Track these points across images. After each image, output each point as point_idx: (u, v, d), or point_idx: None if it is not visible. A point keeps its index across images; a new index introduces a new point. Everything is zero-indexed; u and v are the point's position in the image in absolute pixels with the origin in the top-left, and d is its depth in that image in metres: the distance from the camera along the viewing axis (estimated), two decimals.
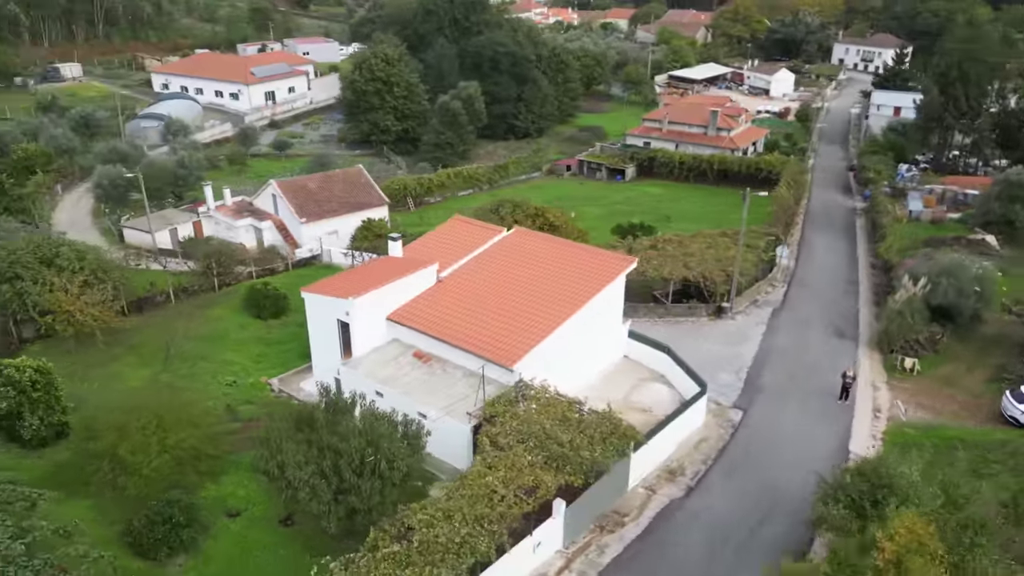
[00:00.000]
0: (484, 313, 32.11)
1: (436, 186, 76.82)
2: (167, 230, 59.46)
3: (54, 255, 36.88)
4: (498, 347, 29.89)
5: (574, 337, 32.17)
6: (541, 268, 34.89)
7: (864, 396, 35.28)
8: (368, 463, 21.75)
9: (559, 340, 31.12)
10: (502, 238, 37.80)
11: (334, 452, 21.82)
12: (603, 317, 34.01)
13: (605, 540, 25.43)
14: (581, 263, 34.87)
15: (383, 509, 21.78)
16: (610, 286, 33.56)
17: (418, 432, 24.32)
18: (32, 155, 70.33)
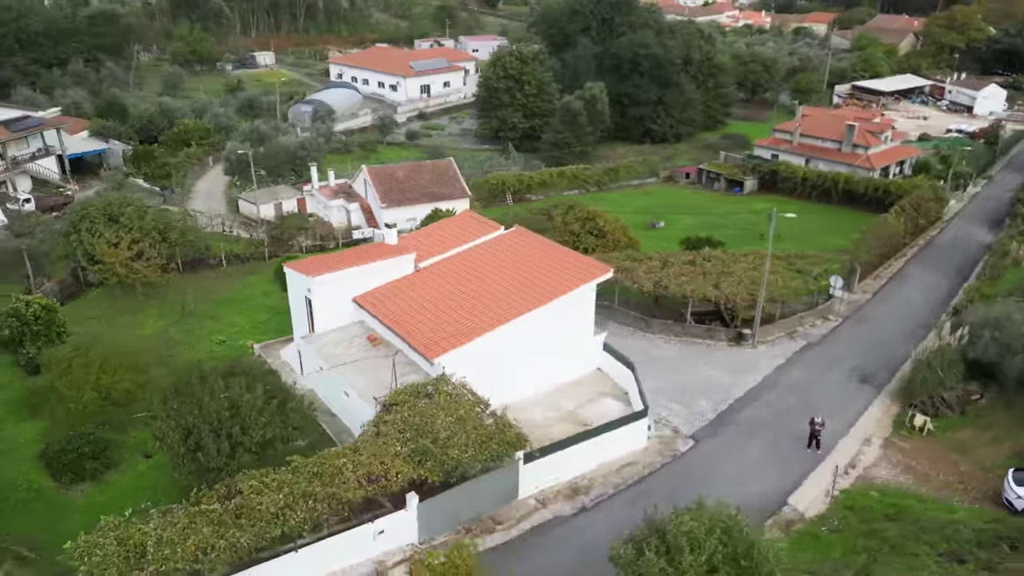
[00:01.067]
0: (439, 305, 32.82)
1: (537, 184, 77.57)
2: (272, 204, 65.52)
3: (120, 213, 42.63)
4: (429, 339, 30.52)
5: (524, 341, 31.86)
6: (517, 268, 34.87)
7: (847, 449, 31.63)
8: (224, 426, 23.55)
9: (501, 341, 31.04)
10: (497, 235, 38.11)
11: (200, 411, 23.86)
12: (565, 325, 33.27)
13: (464, 543, 25.33)
14: (557, 268, 34.40)
15: (230, 470, 23.50)
16: (571, 294, 32.80)
17: (299, 407, 25.74)
18: (190, 130, 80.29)
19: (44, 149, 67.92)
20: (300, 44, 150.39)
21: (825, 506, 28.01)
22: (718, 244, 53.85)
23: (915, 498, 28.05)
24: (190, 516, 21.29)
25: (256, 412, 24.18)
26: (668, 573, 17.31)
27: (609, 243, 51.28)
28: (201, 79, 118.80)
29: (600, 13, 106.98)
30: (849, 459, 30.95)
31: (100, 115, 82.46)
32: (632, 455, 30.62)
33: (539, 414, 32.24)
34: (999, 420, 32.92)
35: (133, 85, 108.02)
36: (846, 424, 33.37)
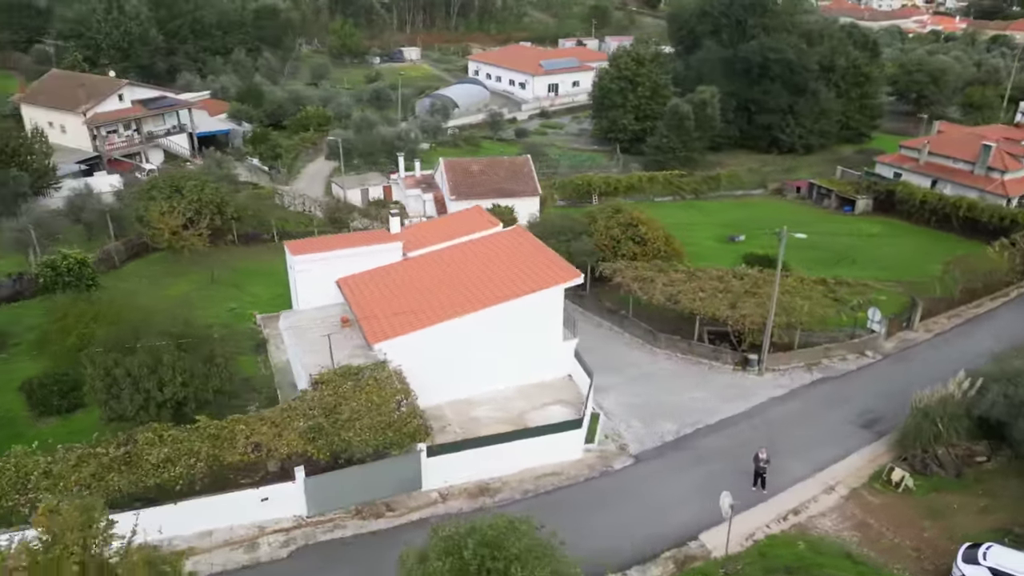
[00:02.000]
0: (408, 293, 33.70)
1: (625, 187, 76.05)
2: (359, 189, 69.38)
3: (182, 186, 47.31)
4: (379, 325, 31.51)
5: (480, 338, 32.02)
6: (493, 266, 35.08)
7: (800, 493, 29.00)
8: (142, 381, 25.98)
9: (453, 335, 31.40)
10: (493, 232, 38.39)
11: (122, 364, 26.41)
12: (527, 326, 32.97)
13: (351, 523, 26.19)
14: (530, 269, 34.23)
15: (141, 420, 25.90)
16: (533, 296, 32.48)
17: (220, 373, 27.77)
18: (311, 116, 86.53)
19: (178, 126, 76.27)
20: (448, 41, 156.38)
21: (741, 548, 25.89)
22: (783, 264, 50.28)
23: (848, 557, 25.20)
24: (82, 456, 23.78)
25: (172, 371, 26.41)
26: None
27: (649, 251, 49.54)
28: (348, 71, 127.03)
29: (734, 14, 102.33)
30: (796, 504, 28.30)
31: (240, 99, 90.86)
32: (560, 465, 29.89)
33: (485, 412, 32.31)
34: (999, 488, 28.63)
35: (287, 74, 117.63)
36: (814, 468, 30.45)
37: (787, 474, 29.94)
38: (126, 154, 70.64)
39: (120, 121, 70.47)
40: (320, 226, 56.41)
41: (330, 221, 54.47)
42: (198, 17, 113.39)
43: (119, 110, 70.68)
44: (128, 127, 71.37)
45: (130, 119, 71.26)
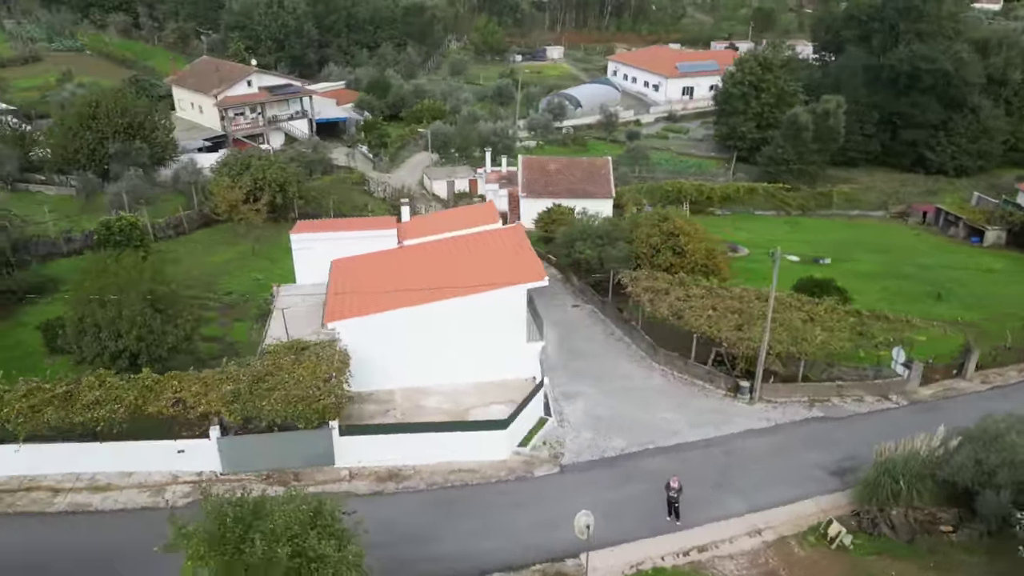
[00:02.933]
0: (383, 278, 34.93)
1: (720, 197, 72.62)
2: (445, 181, 71.76)
3: (251, 164, 51.61)
4: (337, 305, 33.01)
5: (436, 329, 32.61)
6: (471, 261, 35.57)
7: (716, 532, 26.85)
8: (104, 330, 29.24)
9: (406, 323, 32.25)
10: (493, 228, 38.70)
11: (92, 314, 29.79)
12: (487, 323, 33.05)
13: (256, 486, 27.78)
14: (503, 267, 34.27)
15: (96, 365, 29.13)
16: (488, 293, 32.54)
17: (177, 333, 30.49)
18: (425, 109, 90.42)
19: (301, 112, 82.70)
20: (595, 41, 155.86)
21: (618, 574, 24.57)
22: (839, 291, 46.09)
23: None
24: (31, 389, 27.24)
25: (130, 325, 29.43)
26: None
27: (687, 264, 47.28)
28: (486, 67, 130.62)
29: (886, 19, 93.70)
30: (707, 541, 26.27)
31: (369, 90, 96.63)
32: (480, 464, 29.76)
33: (434, 403, 32.84)
34: (956, 564, 24.87)
35: (429, 69, 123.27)
36: (751, 507, 28.04)
37: (718, 508, 27.87)
38: (249, 135, 77.68)
39: (247, 104, 77.65)
40: (386, 211, 59.13)
41: (392, 208, 56.98)
42: (353, 13, 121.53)
43: (247, 94, 77.92)
44: (254, 110, 78.46)
45: (256, 103, 78.30)
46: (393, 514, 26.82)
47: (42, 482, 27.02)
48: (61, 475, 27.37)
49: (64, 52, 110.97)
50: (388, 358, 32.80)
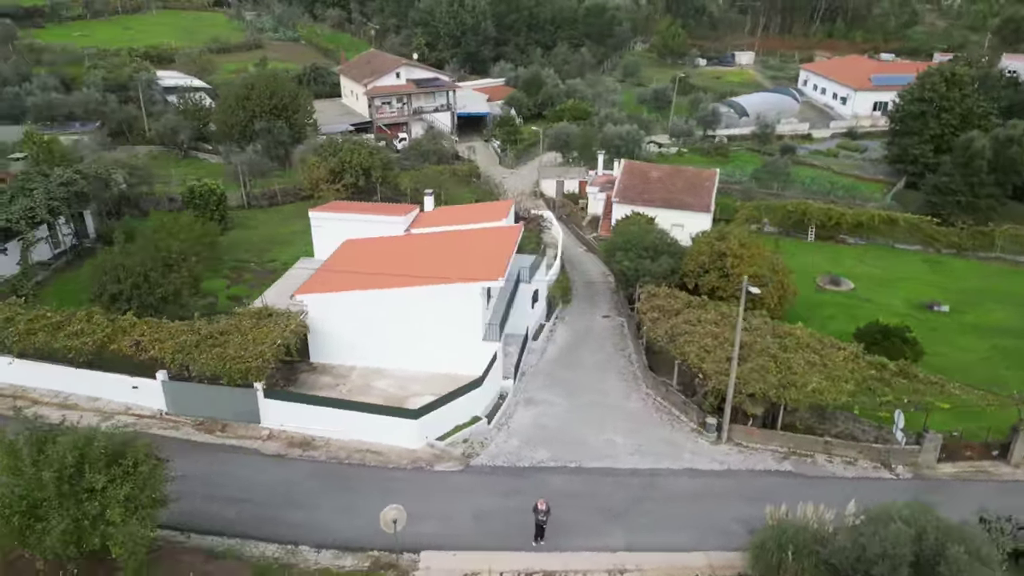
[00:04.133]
0: (375, 262, 36.62)
1: (851, 224, 65.43)
2: (555, 181, 72.15)
3: (340, 148, 55.91)
4: (316, 280, 35.40)
5: (394, 314, 33.90)
6: (457, 256, 36.33)
7: (576, 561, 25.28)
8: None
9: (366, 305, 33.84)
10: (495, 226, 39.05)
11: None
12: (441, 317, 33.67)
13: (187, 428, 30.96)
14: (469, 265, 34.73)
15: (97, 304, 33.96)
16: (437, 288, 33.12)
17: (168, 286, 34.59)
18: (566, 108, 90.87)
19: (445, 105, 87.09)
20: (797, 47, 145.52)
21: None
22: (908, 342, 40.39)
23: None
24: (35, 316, 32.59)
25: (127, 273, 33.99)
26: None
27: (731, 288, 43.84)
28: (664, 70, 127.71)
29: None
30: (556, 569, 24.86)
31: (523, 88, 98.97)
32: (389, 448, 30.51)
33: (383, 385, 34.15)
34: None
35: (605, 70, 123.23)
36: (629, 546, 26.02)
37: (595, 539, 26.27)
38: (392, 123, 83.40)
39: (393, 95, 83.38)
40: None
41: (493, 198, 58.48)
42: (535, 13, 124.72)
43: (394, 85, 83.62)
44: (400, 101, 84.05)
45: (402, 94, 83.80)
46: (285, 477, 28.55)
47: (28, 393, 32.26)
48: (45, 390, 32.47)
49: (282, 41, 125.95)
50: (350, 336, 34.61)
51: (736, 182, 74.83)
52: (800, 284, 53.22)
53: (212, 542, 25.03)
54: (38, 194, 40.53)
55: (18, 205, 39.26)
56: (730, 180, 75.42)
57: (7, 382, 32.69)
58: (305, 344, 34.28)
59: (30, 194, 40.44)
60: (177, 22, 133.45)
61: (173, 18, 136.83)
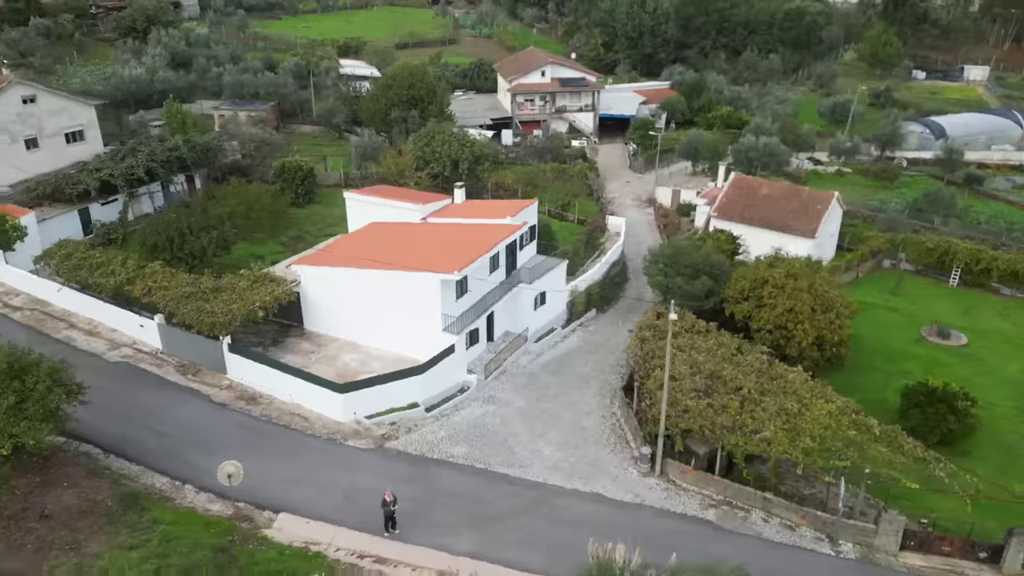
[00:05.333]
0: (379, 244, 38.46)
1: (1006, 272, 55.68)
2: (671, 190, 69.57)
3: (433, 138, 58.53)
4: (317, 255, 38.27)
5: (368, 293, 35.75)
6: (441, 246, 37.23)
7: (408, 554, 25.15)
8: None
9: (346, 282, 35.95)
10: (497, 223, 39.35)
11: None
12: (406, 303, 34.84)
13: (169, 368, 35.02)
14: (438, 257, 35.50)
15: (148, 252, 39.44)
16: (397, 273, 34.38)
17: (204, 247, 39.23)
18: (717, 116, 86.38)
19: (590, 106, 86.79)
20: None
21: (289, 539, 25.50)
22: (956, 411, 34.63)
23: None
24: (85, 255, 38.67)
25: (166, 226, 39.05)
26: None
27: (762, 320, 39.95)
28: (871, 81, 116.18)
29: None
30: (391, 557, 25.03)
31: (684, 92, 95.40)
32: (317, 416, 32.40)
33: (350, 359, 36.16)
34: None
35: (799, 79, 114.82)
36: (476, 553, 25.48)
37: (446, 539, 26.06)
38: (531, 121, 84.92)
39: (536, 93, 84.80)
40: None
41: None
42: (727, 15, 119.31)
43: (538, 83, 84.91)
44: (543, 99, 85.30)
45: (545, 92, 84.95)
46: (217, 424, 31.49)
47: (70, 317, 38.41)
48: (82, 316, 38.39)
49: (475, 37, 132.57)
50: (332, 309, 36.99)
51: (879, 210, 66.85)
52: (901, 332, 46.81)
53: (111, 462, 28.43)
54: (141, 157, 47.64)
55: (121, 165, 46.48)
56: (879, 207, 67.61)
57: (59, 306, 39.19)
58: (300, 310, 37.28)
59: (135, 156, 47.67)
60: (392, 17, 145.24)
61: (390, 14, 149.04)
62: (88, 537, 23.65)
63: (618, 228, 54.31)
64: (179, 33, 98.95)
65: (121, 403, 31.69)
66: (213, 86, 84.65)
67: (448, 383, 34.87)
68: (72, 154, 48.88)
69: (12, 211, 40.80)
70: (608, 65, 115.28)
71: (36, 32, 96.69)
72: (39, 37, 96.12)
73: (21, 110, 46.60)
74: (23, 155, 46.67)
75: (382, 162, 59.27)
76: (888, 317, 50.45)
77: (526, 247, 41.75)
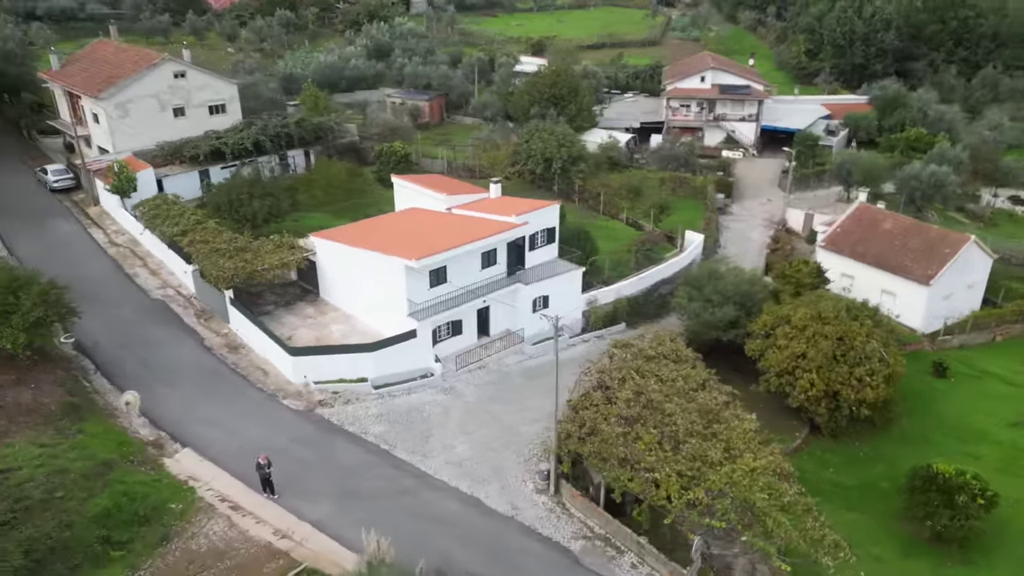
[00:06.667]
0: (398, 227, 40.82)
1: None
2: (804, 213, 63.50)
3: (530, 139, 58.92)
4: (332, 230, 41.26)
5: (356, 269, 38.11)
6: (435, 234, 38.40)
7: (273, 515, 26.82)
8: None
9: (344, 257, 38.55)
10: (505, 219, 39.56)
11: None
12: (380, 283, 36.59)
13: (187, 310, 40.00)
14: (418, 245, 36.63)
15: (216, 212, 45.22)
16: (370, 253, 36.08)
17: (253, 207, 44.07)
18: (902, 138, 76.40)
19: (753, 116, 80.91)
20: None
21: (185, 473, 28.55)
22: (954, 506, 29.01)
23: None
24: (168, 207, 45.24)
25: (230, 192, 44.27)
26: None
27: (773, 362, 35.78)
28: None
29: None
30: (241, 505, 26.90)
31: (880, 109, 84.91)
32: (276, 373, 35.37)
33: (337, 328, 38.62)
34: None
35: None
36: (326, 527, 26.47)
37: (302, 504, 27.30)
38: (687, 127, 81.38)
39: (693, 99, 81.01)
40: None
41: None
42: (970, 25, 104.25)
43: (695, 88, 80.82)
44: (700, 105, 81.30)
45: (703, 99, 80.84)
46: (193, 363, 35.54)
47: (147, 258, 45.11)
48: (156, 258, 44.89)
49: (682, 40, 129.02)
50: (336, 281, 39.79)
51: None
52: (998, 410, 40.51)
53: (94, 378, 33.57)
54: (253, 131, 54.14)
55: (236, 136, 53.28)
56: None
57: (144, 247, 46.25)
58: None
59: (248, 129, 54.35)
60: (607, 17, 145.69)
61: (607, 14, 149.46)
62: (19, 430, 28.46)
63: (693, 244, 50.88)
64: (386, 27, 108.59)
65: (133, 334, 37.13)
66: (397, 75, 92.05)
67: (409, 366, 35.88)
68: (212, 124, 56.84)
69: (133, 165, 48.78)
70: (809, 74, 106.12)
71: (277, 22, 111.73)
72: (279, 26, 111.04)
73: (172, 83, 55.22)
74: (170, 121, 55.28)
75: (480, 156, 61.06)
76: (996, 389, 42.42)
77: (540, 248, 41.19)
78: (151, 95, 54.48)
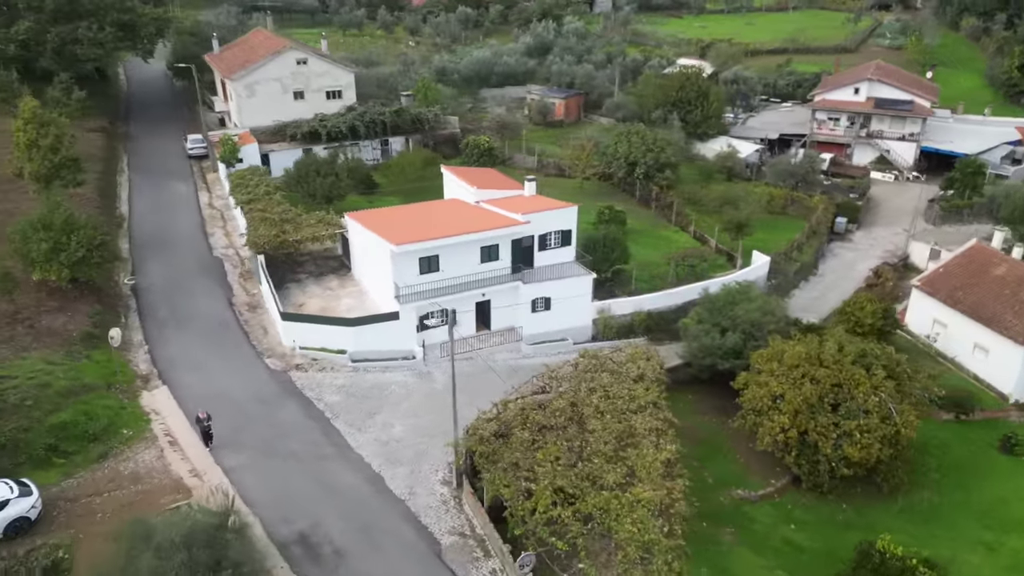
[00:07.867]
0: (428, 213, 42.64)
1: None
2: (928, 248, 56.23)
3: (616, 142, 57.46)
4: (365, 212, 43.83)
5: (361, 248, 40.66)
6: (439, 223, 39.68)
7: (201, 462, 29.76)
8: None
9: (361, 237, 41.00)
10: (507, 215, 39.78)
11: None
12: (375, 262, 38.51)
13: (235, 271, 44.53)
14: (414, 231, 38.07)
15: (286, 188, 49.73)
16: (368, 234, 38.03)
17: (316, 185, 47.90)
18: None
19: (912, 135, 71.90)
20: None
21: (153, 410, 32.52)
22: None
23: None
24: (254, 179, 50.47)
25: (304, 170, 48.41)
26: None
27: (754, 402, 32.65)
28: None
29: None
30: (182, 447, 30.07)
31: None
32: (274, 334, 38.54)
33: (346, 302, 41.11)
34: None
35: None
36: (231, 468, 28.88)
37: (225, 456, 29.82)
38: (832, 142, 74.49)
39: (844, 112, 73.79)
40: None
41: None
42: None
43: (846, 101, 73.23)
44: (851, 120, 73.91)
45: (855, 112, 73.39)
46: (211, 317, 39.51)
47: (229, 219, 50.61)
48: (235, 220, 50.15)
49: (881, 48, 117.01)
50: (358, 258, 42.34)
51: None
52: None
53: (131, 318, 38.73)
54: (348, 117, 58.43)
55: (332, 122, 58.00)
56: None
57: (230, 211, 51.88)
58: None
59: (346, 116, 58.76)
60: (805, 21, 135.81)
61: (807, 17, 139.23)
62: (39, 348, 33.74)
63: (755, 266, 47.05)
64: (553, 25, 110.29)
65: (180, 282, 42.25)
66: (545, 73, 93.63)
67: (392, 345, 37.38)
68: (329, 108, 62.15)
69: (244, 139, 54.91)
70: (1020, 92, 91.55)
71: (456, 19, 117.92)
72: (457, 22, 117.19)
73: (295, 69, 61.08)
74: (290, 103, 61.29)
75: (568, 156, 60.80)
76: None
77: (552, 249, 40.68)
78: (275, 79, 60.72)
